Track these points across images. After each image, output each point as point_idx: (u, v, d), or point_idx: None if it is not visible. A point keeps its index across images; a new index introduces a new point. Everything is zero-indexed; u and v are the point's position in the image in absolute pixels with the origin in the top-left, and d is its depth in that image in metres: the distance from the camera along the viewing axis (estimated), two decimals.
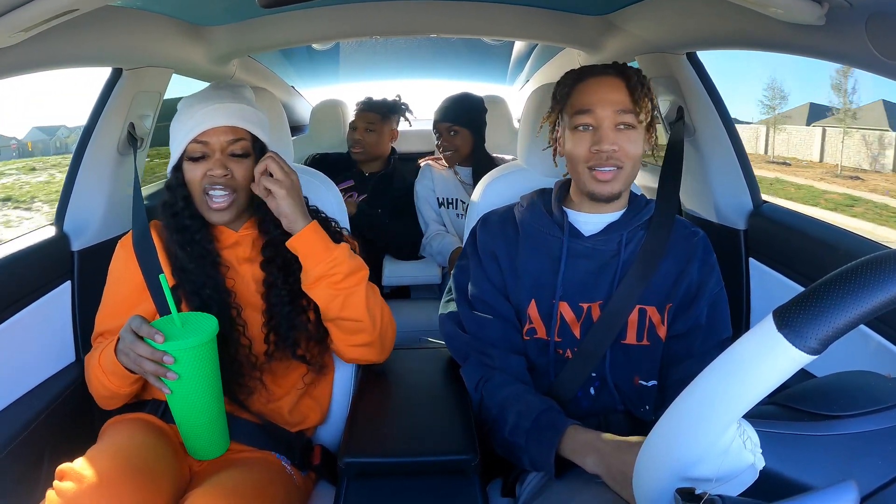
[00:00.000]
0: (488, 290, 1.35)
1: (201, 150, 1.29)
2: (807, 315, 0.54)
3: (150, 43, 1.70)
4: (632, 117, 1.25)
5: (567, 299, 1.30)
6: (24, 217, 8.10)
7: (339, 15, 2.01)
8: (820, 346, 0.54)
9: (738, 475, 0.61)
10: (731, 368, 0.59)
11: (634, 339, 1.29)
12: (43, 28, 1.08)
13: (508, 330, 1.33)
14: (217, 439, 1.19)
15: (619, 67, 1.31)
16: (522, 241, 1.36)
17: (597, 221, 1.34)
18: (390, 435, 1.22)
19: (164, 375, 1.08)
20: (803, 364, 0.56)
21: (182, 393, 1.11)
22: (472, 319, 1.36)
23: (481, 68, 3.64)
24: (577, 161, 1.28)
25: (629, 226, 1.32)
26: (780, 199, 2.36)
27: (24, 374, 1.47)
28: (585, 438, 1.10)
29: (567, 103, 1.32)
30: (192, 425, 1.16)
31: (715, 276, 1.33)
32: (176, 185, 1.32)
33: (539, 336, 1.32)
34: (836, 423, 0.65)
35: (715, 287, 1.32)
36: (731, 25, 1.38)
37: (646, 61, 1.96)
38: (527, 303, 1.32)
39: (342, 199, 1.64)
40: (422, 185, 2.70)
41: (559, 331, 1.30)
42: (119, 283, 1.37)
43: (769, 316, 0.57)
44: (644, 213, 1.34)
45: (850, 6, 0.99)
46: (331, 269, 1.25)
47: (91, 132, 1.75)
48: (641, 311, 1.28)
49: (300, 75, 3.65)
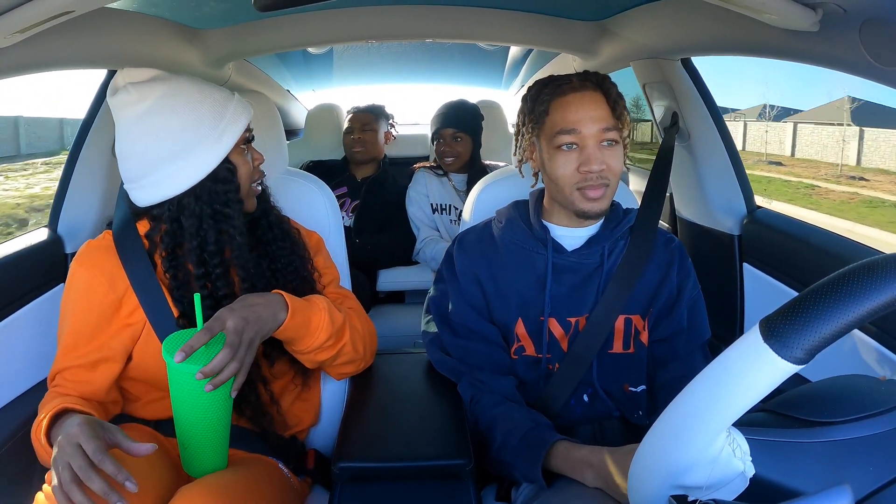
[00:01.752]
0: (471, 316, 1.34)
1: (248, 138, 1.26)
2: (792, 326, 0.55)
3: (145, 45, 1.69)
4: (616, 133, 1.23)
5: (555, 315, 1.30)
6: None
7: (335, 19, 2.01)
8: (806, 355, 0.54)
9: (728, 483, 0.61)
10: (719, 379, 0.59)
11: (621, 347, 1.29)
12: (39, 29, 1.07)
13: (495, 352, 1.32)
14: (223, 455, 1.15)
15: (598, 79, 1.27)
16: (504, 259, 1.34)
17: (578, 235, 1.33)
18: (384, 439, 1.21)
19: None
20: (790, 374, 0.56)
21: (201, 412, 1.06)
22: (457, 346, 1.35)
23: (477, 73, 3.65)
24: (564, 182, 1.25)
25: (610, 237, 1.31)
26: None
27: (17, 377, 1.46)
28: (578, 455, 1.09)
29: (545, 121, 1.26)
30: (202, 446, 1.10)
31: (692, 279, 1.33)
32: (230, 177, 1.22)
33: (528, 353, 1.32)
34: (826, 429, 0.65)
35: (693, 290, 1.33)
36: (725, 31, 1.39)
37: (640, 67, 1.96)
38: (514, 322, 1.31)
39: (336, 203, 1.63)
40: (415, 190, 2.70)
41: (549, 346, 1.30)
42: (84, 311, 1.20)
43: (756, 326, 0.58)
44: (624, 223, 1.33)
45: (844, 12, 1.00)
46: (317, 344, 1.22)
47: (86, 134, 1.75)
48: (627, 321, 1.29)
49: (296, 79, 3.65)
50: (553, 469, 1.12)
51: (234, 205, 1.22)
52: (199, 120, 1.17)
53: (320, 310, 1.22)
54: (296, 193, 1.56)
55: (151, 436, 1.22)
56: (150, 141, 1.15)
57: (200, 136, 1.17)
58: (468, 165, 2.70)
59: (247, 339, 1.06)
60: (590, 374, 1.28)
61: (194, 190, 1.18)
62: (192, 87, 1.19)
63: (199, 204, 1.19)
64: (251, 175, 1.26)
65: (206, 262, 1.20)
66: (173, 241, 1.21)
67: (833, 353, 0.58)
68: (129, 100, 1.15)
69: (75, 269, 1.22)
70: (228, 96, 1.23)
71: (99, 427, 0.96)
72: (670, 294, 1.31)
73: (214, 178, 1.19)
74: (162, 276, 1.22)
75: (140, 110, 1.15)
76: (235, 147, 1.21)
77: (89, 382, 1.18)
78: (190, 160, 1.16)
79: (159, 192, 1.18)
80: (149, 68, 1.19)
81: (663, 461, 0.63)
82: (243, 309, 1.09)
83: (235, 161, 1.22)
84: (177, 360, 0.99)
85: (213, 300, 1.20)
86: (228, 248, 1.22)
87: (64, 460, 0.91)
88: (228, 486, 1.07)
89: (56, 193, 1.76)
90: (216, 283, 1.21)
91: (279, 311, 1.15)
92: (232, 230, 1.21)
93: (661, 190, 1.46)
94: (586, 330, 1.27)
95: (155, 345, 1.18)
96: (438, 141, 2.68)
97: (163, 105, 1.16)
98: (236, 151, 1.22)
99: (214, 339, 1.05)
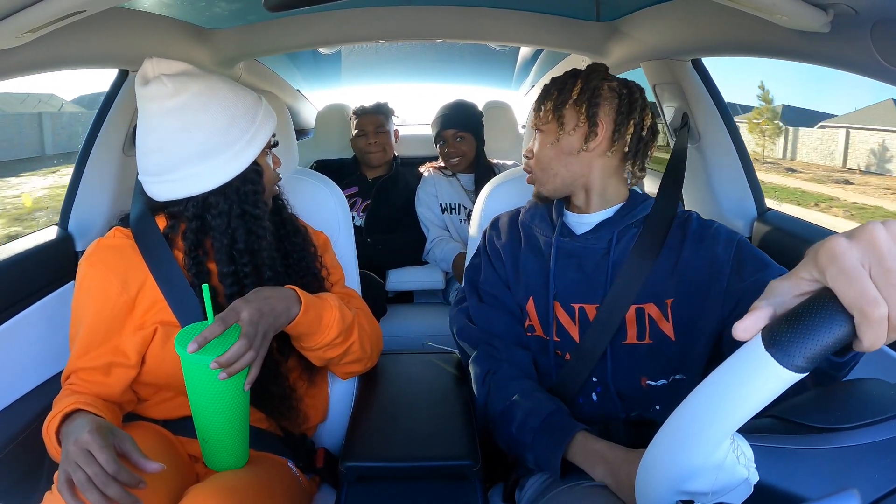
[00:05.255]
0: (495, 283, 1.37)
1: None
2: (794, 334, 0.54)
3: (156, 45, 1.71)
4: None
5: (559, 299, 1.30)
6: None
7: (345, 19, 2.02)
8: (807, 364, 0.54)
9: (732, 489, 0.61)
10: (722, 387, 0.59)
11: (635, 338, 1.26)
12: (50, 29, 1.08)
13: (514, 323, 1.33)
14: (244, 450, 1.16)
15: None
16: (523, 242, 1.38)
17: (589, 221, 1.34)
18: (392, 439, 1.22)
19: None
20: (792, 382, 0.56)
21: (218, 404, 1.06)
22: (480, 311, 1.37)
23: (486, 73, 3.65)
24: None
25: (621, 224, 1.30)
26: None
27: (26, 374, 1.47)
28: (595, 448, 1.09)
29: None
30: (222, 439, 1.10)
31: (720, 243, 1.24)
32: (258, 179, 1.22)
33: (538, 334, 1.32)
34: (833, 435, 0.65)
35: (726, 251, 1.23)
36: (735, 32, 1.38)
37: (651, 68, 1.96)
38: (525, 300, 1.33)
39: (346, 202, 1.64)
40: (424, 191, 2.71)
41: (557, 331, 1.29)
42: (97, 312, 1.19)
43: (758, 334, 0.57)
44: (640, 210, 1.32)
45: (855, 13, 0.99)
46: (327, 341, 1.23)
47: (96, 133, 1.76)
48: (639, 311, 1.26)
49: (306, 78, 3.66)
50: (568, 458, 1.11)
51: (262, 205, 1.22)
52: (232, 120, 1.16)
53: (332, 307, 1.23)
54: (306, 193, 1.57)
55: (161, 434, 1.22)
56: (183, 136, 1.13)
57: (234, 138, 1.16)
58: (474, 164, 2.71)
59: (262, 330, 1.07)
60: (604, 370, 1.26)
61: (223, 189, 1.18)
62: (226, 88, 1.19)
63: (228, 202, 1.19)
64: (273, 178, 1.28)
65: (234, 259, 1.20)
66: (196, 237, 1.20)
67: None
68: (164, 92, 1.13)
69: (86, 269, 1.19)
70: (258, 100, 1.24)
71: (110, 434, 0.96)
72: (697, 272, 1.23)
73: (243, 179, 1.19)
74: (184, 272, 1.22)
75: (175, 104, 1.13)
76: (262, 150, 1.22)
77: (104, 385, 1.18)
78: (221, 159, 1.16)
79: (186, 188, 1.17)
80: (178, 61, 1.18)
81: (668, 467, 0.63)
82: (259, 301, 1.10)
83: (262, 164, 1.23)
84: (190, 349, 0.99)
85: (230, 299, 1.19)
86: (257, 247, 1.22)
87: (74, 464, 0.91)
88: (238, 486, 1.08)
89: (66, 191, 1.77)
90: (243, 280, 1.20)
91: (292, 305, 1.15)
92: (261, 230, 1.22)
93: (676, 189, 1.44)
94: (596, 319, 1.26)
95: (170, 346, 1.18)
96: (441, 143, 2.69)
97: (199, 102, 1.14)
98: (262, 154, 1.23)
99: (227, 332, 1.05)
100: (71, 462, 0.92)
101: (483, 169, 2.67)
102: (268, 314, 1.09)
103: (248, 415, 1.13)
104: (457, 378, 1.44)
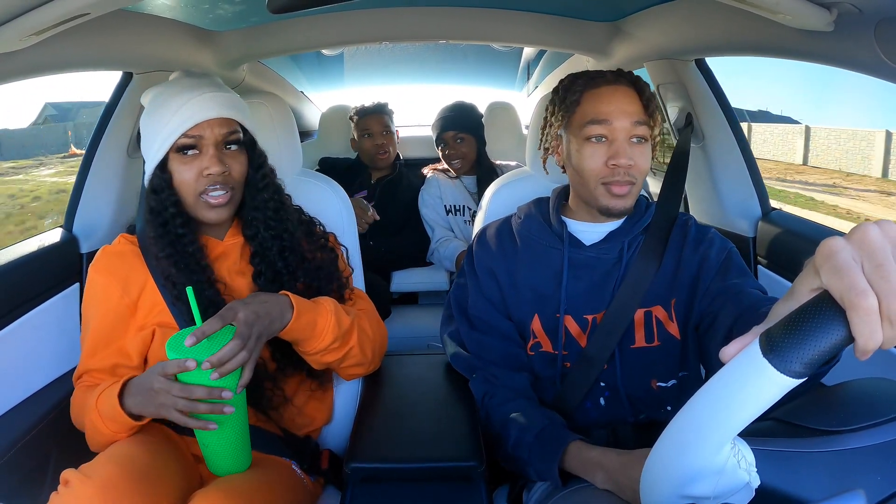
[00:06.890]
0: (487, 310, 1.34)
1: (192, 145, 1.19)
2: (791, 339, 0.54)
3: (160, 47, 1.71)
4: (646, 129, 1.22)
5: (571, 312, 1.28)
6: None
7: (348, 21, 2.02)
8: (805, 369, 0.54)
9: (734, 494, 0.61)
10: (721, 393, 0.59)
11: (643, 341, 1.25)
12: (54, 32, 1.08)
13: (510, 347, 1.31)
14: (245, 454, 1.16)
15: (631, 77, 1.27)
16: (521, 255, 1.33)
17: (598, 231, 1.31)
18: (396, 440, 1.21)
19: (220, 412, 1.03)
20: (790, 388, 0.55)
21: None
22: (473, 339, 1.34)
23: (490, 73, 3.65)
24: (590, 175, 1.24)
25: (630, 232, 1.29)
26: None
27: (31, 375, 1.47)
28: (591, 456, 1.09)
29: (575, 111, 1.26)
30: (221, 443, 1.11)
31: (714, 248, 1.25)
32: (163, 187, 1.21)
33: (545, 350, 1.30)
34: (834, 438, 0.65)
35: (718, 255, 1.24)
36: (739, 32, 1.37)
37: (654, 68, 1.96)
38: (529, 318, 1.30)
39: (350, 205, 1.63)
40: (428, 193, 2.70)
41: (565, 344, 1.28)
42: (101, 315, 1.25)
43: (756, 340, 0.57)
44: (645, 218, 1.31)
45: (859, 12, 0.99)
46: (322, 346, 1.23)
47: (101, 135, 1.77)
48: (647, 314, 1.25)
49: (309, 80, 3.66)
50: (565, 468, 1.11)
51: (173, 208, 1.23)
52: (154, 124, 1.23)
53: (327, 312, 1.22)
54: (310, 194, 1.57)
55: (165, 433, 1.23)
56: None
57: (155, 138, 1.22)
58: (476, 165, 2.71)
59: (256, 332, 1.07)
60: (613, 374, 1.25)
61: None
62: (172, 83, 1.26)
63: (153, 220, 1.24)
64: (193, 184, 1.22)
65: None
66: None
67: (850, 355, 0.57)
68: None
69: (92, 275, 1.27)
70: (191, 91, 1.22)
71: (160, 367, 1.04)
72: (691, 270, 1.25)
73: (153, 190, 1.23)
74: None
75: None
76: (174, 154, 1.21)
77: None
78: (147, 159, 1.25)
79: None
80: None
81: (671, 472, 0.63)
82: (255, 304, 1.11)
83: (173, 169, 1.22)
84: (187, 343, 1.00)
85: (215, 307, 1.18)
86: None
87: (158, 387, 1.03)
88: (243, 489, 1.09)
89: (71, 194, 1.78)
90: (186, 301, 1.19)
91: (286, 311, 1.15)
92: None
93: (678, 189, 1.43)
94: (602, 324, 1.25)
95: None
96: (442, 145, 2.69)
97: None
98: (176, 159, 1.21)
99: (219, 333, 1.06)
100: (164, 398, 1.02)
101: (485, 170, 2.67)
102: (263, 317, 1.10)
103: (245, 419, 1.13)
104: (460, 379, 1.44)
